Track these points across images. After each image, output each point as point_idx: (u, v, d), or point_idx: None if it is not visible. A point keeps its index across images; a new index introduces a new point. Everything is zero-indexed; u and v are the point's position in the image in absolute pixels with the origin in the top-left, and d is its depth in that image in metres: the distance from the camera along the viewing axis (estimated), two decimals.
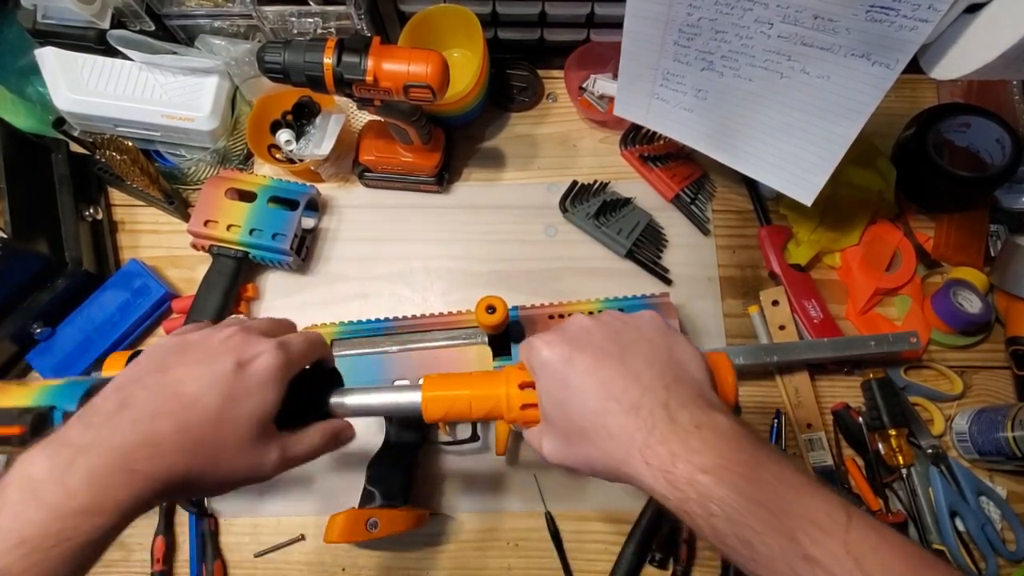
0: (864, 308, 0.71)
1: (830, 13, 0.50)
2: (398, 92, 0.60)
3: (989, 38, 0.47)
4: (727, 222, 0.76)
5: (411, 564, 0.66)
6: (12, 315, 0.68)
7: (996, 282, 0.70)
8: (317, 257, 0.77)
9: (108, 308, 0.72)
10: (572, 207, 0.75)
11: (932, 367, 0.70)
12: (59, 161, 0.74)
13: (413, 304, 0.74)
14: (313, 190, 0.75)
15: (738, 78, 0.59)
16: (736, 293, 0.73)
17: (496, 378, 0.46)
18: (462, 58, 0.79)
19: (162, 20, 0.72)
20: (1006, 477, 0.66)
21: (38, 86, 0.75)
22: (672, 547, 0.65)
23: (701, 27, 0.57)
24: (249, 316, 0.74)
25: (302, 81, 0.60)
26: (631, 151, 0.78)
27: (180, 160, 0.77)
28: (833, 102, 0.55)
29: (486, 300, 0.58)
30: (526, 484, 0.68)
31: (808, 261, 0.72)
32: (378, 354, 0.65)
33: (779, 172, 0.63)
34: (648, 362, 0.40)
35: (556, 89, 0.82)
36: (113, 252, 0.77)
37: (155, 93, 0.73)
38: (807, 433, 0.67)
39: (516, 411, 0.45)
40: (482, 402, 0.45)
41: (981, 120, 0.69)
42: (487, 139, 0.80)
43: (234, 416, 0.37)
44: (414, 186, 0.77)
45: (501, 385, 0.45)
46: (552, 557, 0.65)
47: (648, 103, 0.68)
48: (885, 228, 0.73)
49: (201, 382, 0.37)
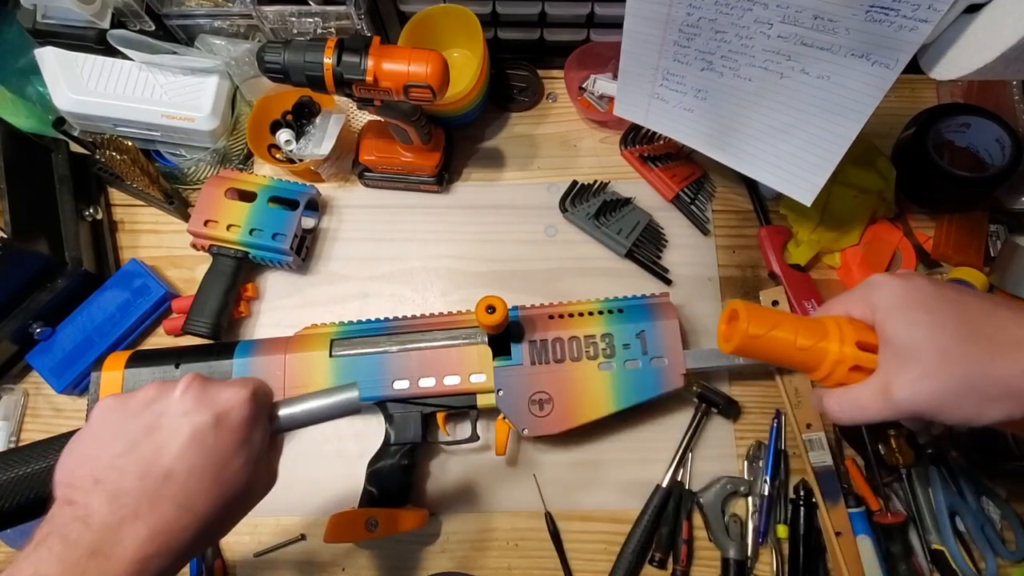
0: None
1: (830, 13, 0.50)
2: (398, 92, 0.60)
3: (989, 38, 0.47)
4: (727, 222, 0.76)
5: (411, 564, 0.66)
6: (12, 315, 0.68)
7: (996, 282, 0.70)
8: (317, 257, 0.77)
9: (108, 308, 0.72)
10: (572, 207, 0.75)
11: None
12: (59, 161, 0.74)
13: (413, 304, 0.74)
14: (313, 190, 0.75)
15: (738, 78, 0.59)
16: (736, 293, 0.73)
17: (826, 329, 0.41)
18: (462, 58, 0.79)
19: (162, 20, 0.72)
20: (1006, 477, 0.66)
21: (38, 86, 0.75)
22: (672, 547, 0.65)
23: (701, 27, 0.57)
24: (249, 316, 0.74)
25: (302, 81, 0.60)
26: (631, 151, 0.78)
27: (180, 160, 0.77)
28: (833, 102, 0.55)
29: (486, 300, 0.58)
30: (526, 484, 0.68)
31: (808, 261, 0.72)
32: (378, 354, 0.65)
33: (779, 172, 0.63)
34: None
35: (556, 89, 0.82)
36: (113, 252, 0.77)
37: (155, 93, 0.73)
38: (807, 433, 0.67)
39: (843, 373, 0.40)
40: (807, 354, 0.40)
41: (981, 120, 0.69)
42: (487, 139, 0.80)
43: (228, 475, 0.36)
44: (414, 186, 0.77)
45: (835, 340, 0.40)
46: (552, 557, 0.65)
47: (648, 103, 0.68)
48: (885, 228, 0.73)
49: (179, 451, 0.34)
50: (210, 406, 0.37)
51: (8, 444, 0.70)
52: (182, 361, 0.66)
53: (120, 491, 0.33)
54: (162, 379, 0.43)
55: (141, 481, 0.33)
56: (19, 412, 0.72)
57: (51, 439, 0.38)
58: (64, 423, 0.72)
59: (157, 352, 0.68)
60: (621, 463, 0.68)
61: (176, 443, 0.35)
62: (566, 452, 0.68)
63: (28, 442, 0.44)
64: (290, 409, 0.43)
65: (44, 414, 0.72)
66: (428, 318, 0.68)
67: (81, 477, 0.34)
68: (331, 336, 0.67)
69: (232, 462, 0.36)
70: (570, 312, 0.66)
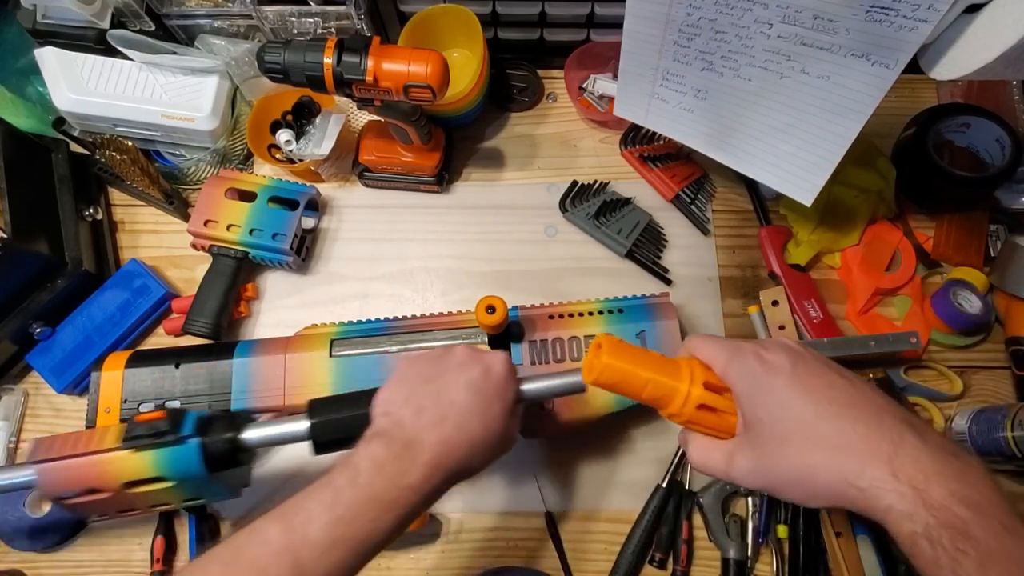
0: (864, 308, 0.71)
1: (830, 13, 0.50)
2: (398, 92, 0.60)
3: (989, 38, 0.47)
4: (727, 222, 0.76)
5: (411, 564, 0.66)
6: (12, 315, 0.68)
7: (996, 282, 0.70)
8: (317, 257, 0.77)
9: (108, 308, 0.72)
10: (572, 207, 0.75)
11: (932, 367, 0.70)
12: (59, 161, 0.74)
13: (413, 304, 0.74)
14: (313, 190, 0.75)
15: (738, 78, 0.59)
16: (736, 293, 0.73)
17: (678, 369, 0.42)
18: (462, 58, 0.79)
19: (162, 20, 0.72)
20: (1006, 477, 0.66)
21: (38, 86, 0.75)
22: (672, 547, 0.65)
23: (701, 27, 0.57)
24: (249, 316, 0.74)
25: (302, 81, 0.60)
26: (631, 151, 0.78)
27: (180, 160, 0.77)
28: (833, 102, 0.55)
29: (486, 300, 0.58)
30: (526, 484, 0.68)
31: (808, 261, 0.72)
32: (378, 354, 0.65)
33: (779, 172, 0.63)
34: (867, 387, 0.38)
35: (556, 89, 0.82)
36: (113, 252, 0.77)
37: (155, 93, 0.73)
38: None
39: (690, 411, 0.41)
40: (657, 388, 0.41)
41: (981, 120, 0.69)
42: (487, 139, 0.80)
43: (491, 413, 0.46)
44: (414, 186, 0.77)
45: (684, 379, 0.41)
46: (552, 557, 0.65)
47: (648, 103, 0.68)
48: (885, 228, 0.73)
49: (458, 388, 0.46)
50: (480, 363, 0.48)
51: (8, 444, 0.70)
52: (182, 361, 0.66)
53: (421, 409, 0.45)
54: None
55: (435, 405, 0.45)
56: (19, 412, 0.72)
57: (365, 391, 0.50)
58: (64, 423, 0.72)
59: (157, 352, 0.68)
60: (621, 463, 0.68)
61: (457, 384, 0.46)
62: (566, 452, 0.68)
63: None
64: (529, 384, 0.51)
65: (44, 414, 0.72)
66: (428, 318, 0.68)
67: (395, 402, 0.46)
68: (331, 336, 0.67)
69: (493, 406, 0.46)
70: (570, 312, 0.66)
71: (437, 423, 0.44)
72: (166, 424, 0.51)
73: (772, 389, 0.38)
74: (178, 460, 0.50)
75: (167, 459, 0.50)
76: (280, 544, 0.38)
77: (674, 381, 0.41)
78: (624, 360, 0.42)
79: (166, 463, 0.50)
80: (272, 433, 0.52)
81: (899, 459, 0.34)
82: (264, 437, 0.52)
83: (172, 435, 0.50)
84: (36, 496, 0.66)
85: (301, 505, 0.40)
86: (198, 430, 0.51)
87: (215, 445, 0.51)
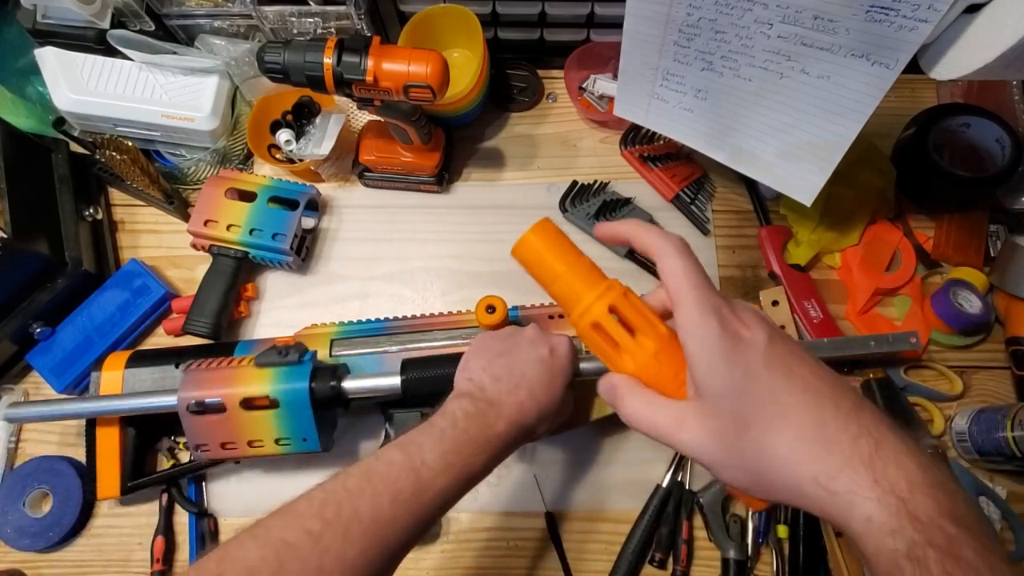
0: (864, 308, 0.71)
1: (830, 13, 0.50)
2: (398, 92, 0.60)
3: (989, 38, 0.47)
4: (727, 222, 0.76)
5: (411, 564, 0.66)
6: (12, 315, 0.68)
7: (996, 282, 0.70)
8: (317, 257, 0.77)
9: (108, 308, 0.72)
10: (572, 207, 0.75)
11: (932, 367, 0.70)
12: (59, 161, 0.74)
13: (413, 304, 0.74)
14: (313, 190, 0.75)
15: (738, 78, 0.59)
16: (736, 293, 0.73)
17: (598, 281, 0.39)
18: (462, 58, 0.79)
19: (162, 20, 0.72)
20: (1006, 477, 0.66)
21: (38, 86, 0.75)
22: (672, 547, 0.65)
23: (701, 27, 0.57)
24: (249, 316, 0.74)
25: (302, 81, 0.60)
26: (631, 151, 0.78)
27: (180, 160, 0.77)
28: (833, 102, 0.55)
29: (486, 300, 0.58)
30: (526, 484, 0.67)
31: (808, 261, 0.72)
32: (378, 354, 0.65)
33: (779, 172, 0.63)
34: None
35: (556, 89, 0.82)
36: (113, 252, 0.77)
37: (155, 93, 0.73)
38: None
39: (585, 326, 0.38)
40: (566, 287, 0.40)
41: (981, 120, 0.69)
42: (487, 139, 0.80)
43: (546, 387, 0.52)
44: (414, 186, 0.77)
45: (593, 294, 0.38)
46: (552, 557, 0.65)
47: (648, 103, 0.68)
48: (885, 228, 0.73)
49: (528, 363, 0.52)
50: (547, 341, 0.54)
51: (8, 444, 0.70)
52: (182, 361, 0.66)
53: (498, 377, 0.51)
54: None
55: (509, 374, 0.51)
56: None
57: (447, 355, 0.59)
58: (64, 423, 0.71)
59: (157, 352, 0.68)
60: (621, 463, 0.68)
61: (527, 358, 0.52)
62: (566, 452, 0.68)
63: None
64: (585, 364, 0.56)
65: None
66: (428, 318, 0.68)
67: (475, 370, 0.52)
68: (331, 336, 0.67)
69: (557, 379, 0.52)
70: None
71: (512, 390, 0.50)
72: (291, 350, 0.59)
73: (739, 360, 0.32)
74: (291, 379, 0.58)
75: (283, 377, 0.58)
76: (404, 464, 0.44)
77: (585, 287, 0.39)
78: (547, 245, 0.42)
79: (281, 381, 0.58)
80: (369, 385, 0.59)
81: (880, 462, 0.29)
82: (361, 388, 0.59)
83: (293, 359, 0.59)
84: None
85: (414, 439, 0.46)
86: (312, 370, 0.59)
87: (320, 380, 0.58)
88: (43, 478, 0.67)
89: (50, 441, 0.71)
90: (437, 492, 0.45)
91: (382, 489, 0.43)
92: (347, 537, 0.40)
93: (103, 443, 0.65)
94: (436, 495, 0.45)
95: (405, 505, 0.43)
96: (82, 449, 0.66)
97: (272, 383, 0.58)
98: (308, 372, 0.58)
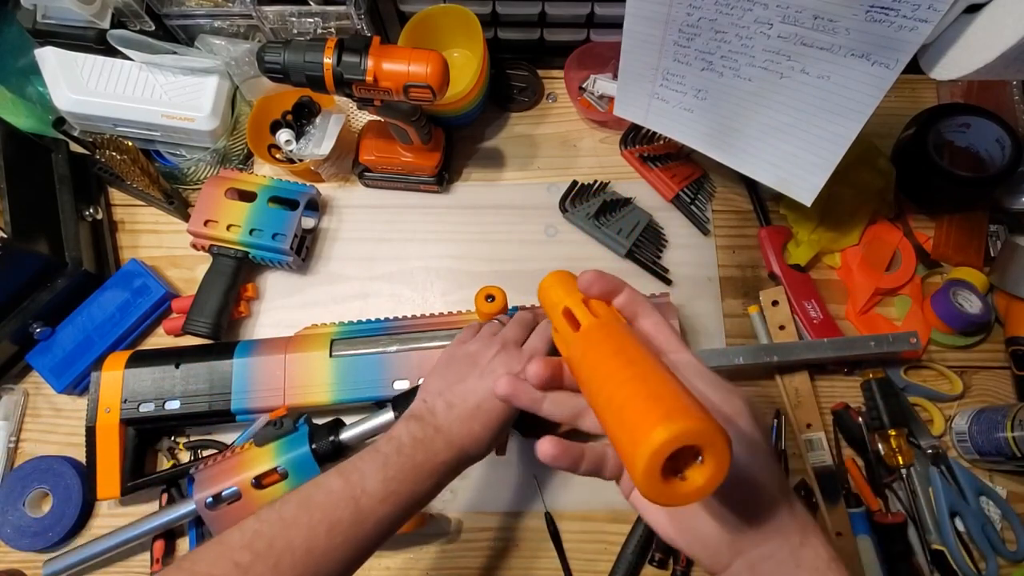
0: (864, 308, 0.71)
1: (830, 13, 0.50)
2: (398, 92, 0.60)
3: (989, 38, 0.47)
4: (727, 222, 0.76)
5: (411, 564, 0.66)
6: (12, 315, 0.68)
7: (996, 282, 0.70)
8: (317, 257, 0.77)
9: (108, 308, 0.72)
10: (572, 207, 0.75)
11: (932, 367, 0.70)
12: (59, 161, 0.74)
13: (413, 304, 0.74)
14: (313, 190, 0.75)
15: (738, 78, 0.59)
16: (736, 293, 0.73)
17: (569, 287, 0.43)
18: (462, 58, 0.79)
19: (162, 20, 0.72)
20: (1006, 477, 0.66)
21: (38, 86, 0.75)
22: (672, 547, 0.65)
23: (701, 27, 0.57)
24: (249, 316, 0.74)
25: (302, 81, 0.60)
26: (631, 151, 0.78)
27: (180, 160, 0.77)
28: (833, 102, 0.55)
29: (485, 289, 0.58)
30: (526, 484, 0.68)
31: (808, 261, 0.72)
32: (378, 354, 0.65)
33: (779, 172, 0.63)
34: None
35: (556, 89, 0.82)
36: (113, 252, 0.77)
37: (155, 93, 0.73)
38: (807, 433, 0.67)
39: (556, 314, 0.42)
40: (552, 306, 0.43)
41: (981, 120, 0.69)
42: (487, 139, 0.80)
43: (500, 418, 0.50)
44: (414, 186, 0.77)
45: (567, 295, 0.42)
46: (552, 557, 0.65)
47: (648, 103, 0.68)
48: (885, 228, 0.73)
49: (484, 395, 0.50)
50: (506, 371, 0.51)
51: (8, 444, 0.70)
52: (182, 361, 0.66)
53: (452, 404, 0.50)
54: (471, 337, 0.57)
55: (463, 402, 0.50)
56: (19, 412, 0.72)
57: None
58: (64, 423, 0.71)
59: (157, 352, 0.68)
60: None
61: (483, 390, 0.50)
62: None
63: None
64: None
65: (44, 414, 0.72)
66: (428, 318, 0.68)
67: (431, 392, 0.51)
68: (331, 336, 0.67)
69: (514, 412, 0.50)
70: None
71: (466, 419, 0.49)
72: (284, 421, 0.61)
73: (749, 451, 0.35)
74: (293, 447, 0.59)
75: (284, 448, 0.59)
76: (343, 493, 0.44)
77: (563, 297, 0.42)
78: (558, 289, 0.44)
79: (284, 452, 0.59)
80: (366, 428, 0.60)
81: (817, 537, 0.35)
82: (358, 434, 0.60)
83: (288, 428, 0.60)
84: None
85: (356, 466, 0.46)
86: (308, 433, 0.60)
87: (319, 439, 0.59)
88: (43, 478, 0.67)
89: (50, 441, 0.71)
90: (377, 520, 0.44)
91: (319, 519, 0.42)
92: (277, 570, 0.40)
93: (103, 443, 0.65)
94: (376, 523, 0.44)
95: (343, 535, 0.43)
96: (82, 449, 0.66)
97: (277, 456, 0.59)
98: (306, 435, 0.60)
